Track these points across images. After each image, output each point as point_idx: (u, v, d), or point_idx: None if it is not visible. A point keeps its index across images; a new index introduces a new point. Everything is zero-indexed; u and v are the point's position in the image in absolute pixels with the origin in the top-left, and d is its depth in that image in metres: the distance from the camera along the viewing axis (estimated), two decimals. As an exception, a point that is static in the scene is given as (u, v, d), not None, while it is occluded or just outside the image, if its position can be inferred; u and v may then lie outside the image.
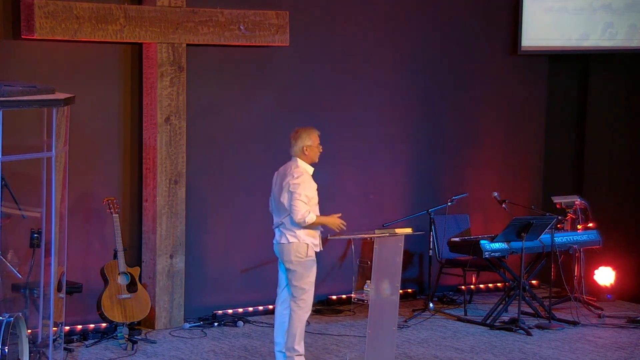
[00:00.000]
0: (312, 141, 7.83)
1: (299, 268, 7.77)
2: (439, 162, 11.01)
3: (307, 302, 7.81)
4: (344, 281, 9.61)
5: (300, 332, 7.80)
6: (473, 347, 9.04)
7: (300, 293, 7.78)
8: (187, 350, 8.72)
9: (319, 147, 7.88)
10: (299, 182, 7.68)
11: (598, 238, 10.34)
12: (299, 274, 7.78)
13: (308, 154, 7.83)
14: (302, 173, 7.74)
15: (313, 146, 7.83)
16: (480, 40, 11.10)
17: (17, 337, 6.99)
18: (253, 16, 9.52)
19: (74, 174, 8.31)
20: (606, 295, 10.83)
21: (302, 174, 7.74)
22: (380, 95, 10.58)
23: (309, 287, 7.81)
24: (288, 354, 7.82)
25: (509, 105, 11.38)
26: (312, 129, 7.90)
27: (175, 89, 9.26)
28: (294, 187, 7.67)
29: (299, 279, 7.78)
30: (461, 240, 10.08)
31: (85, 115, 8.83)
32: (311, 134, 7.85)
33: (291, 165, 7.83)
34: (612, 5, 11.10)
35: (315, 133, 7.89)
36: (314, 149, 7.85)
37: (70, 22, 8.64)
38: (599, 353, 8.91)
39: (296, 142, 7.85)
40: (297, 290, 7.78)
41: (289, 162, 7.87)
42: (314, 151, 7.85)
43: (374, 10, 10.48)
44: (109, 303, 8.76)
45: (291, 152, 7.88)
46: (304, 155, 7.83)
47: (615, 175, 11.11)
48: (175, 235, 9.38)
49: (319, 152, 7.89)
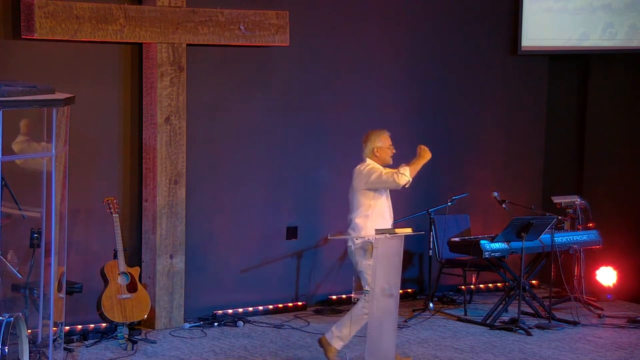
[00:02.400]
0: (383, 142, 8.01)
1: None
2: (439, 162, 11.00)
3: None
4: (344, 281, 9.60)
5: (354, 322, 7.96)
6: (473, 347, 9.03)
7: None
8: (187, 350, 8.72)
9: (390, 148, 8.05)
10: (370, 166, 7.95)
11: (598, 238, 10.34)
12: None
13: (379, 155, 8.03)
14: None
15: (384, 147, 8.02)
16: (480, 40, 11.11)
17: (17, 337, 6.99)
18: (253, 16, 9.52)
19: (74, 174, 8.31)
20: (606, 295, 10.83)
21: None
22: (380, 95, 10.58)
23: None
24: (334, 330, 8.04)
25: (509, 105, 11.38)
26: (383, 131, 8.08)
27: (175, 89, 9.26)
28: (368, 172, 7.93)
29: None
30: (461, 240, 10.08)
31: (85, 115, 8.83)
32: (381, 136, 8.04)
33: (361, 165, 8.02)
34: (612, 5, 11.10)
35: (386, 134, 8.04)
36: (385, 150, 8.03)
37: (70, 22, 8.64)
38: (599, 353, 8.91)
39: (366, 145, 8.08)
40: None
41: (360, 164, 8.01)
42: (385, 152, 8.03)
43: (374, 11, 10.48)
44: (109, 303, 8.75)
45: (363, 155, 8.08)
46: (375, 157, 8.05)
47: (615, 175, 11.11)
48: (175, 235, 9.38)
49: (391, 153, 8.05)
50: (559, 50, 11.26)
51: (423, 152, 8.03)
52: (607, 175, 11.19)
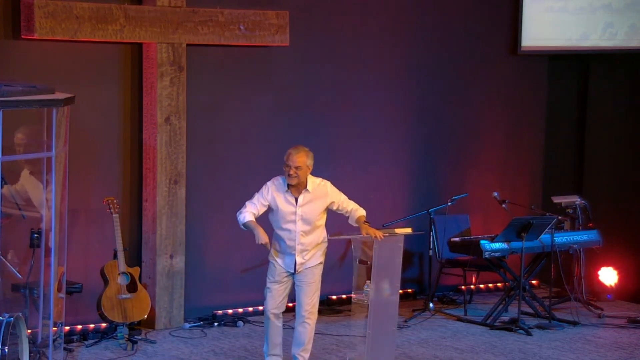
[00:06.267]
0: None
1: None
2: (439, 162, 11.01)
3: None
4: (344, 281, 9.60)
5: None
6: (473, 347, 9.04)
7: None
8: (187, 350, 8.72)
9: (286, 166, 7.74)
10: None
11: (598, 238, 10.34)
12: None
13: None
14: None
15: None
16: (480, 40, 11.10)
17: (17, 337, 6.99)
18: (253, 16, 9.52)
19: (74, 174, 8.31)
20: (606, 296, 10.83)
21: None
22: (380, 95, 10.58)
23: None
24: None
25: (509, 105, 11.38)
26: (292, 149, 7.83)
27: (175, 89, 9.26)
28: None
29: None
30: (461, 240, 10.08)
31: (85, 115, 8.83)
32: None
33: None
34: (612, 5, 11.10)
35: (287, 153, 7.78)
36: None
37: (70, 22, 8.64)
38: (599, 353, 8.91)
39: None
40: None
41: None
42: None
43: (374, 10, 10.48)
44: (109, 303, 8.75)
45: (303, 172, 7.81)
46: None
47: (615, 175, 11.11)
48: (175, 235, 9.38)
49: (287, 173, 7.75)
50: (559, 50, 11.26)
51: (367, 230, 7.79)
52: (607, 175, 11.19)
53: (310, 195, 7.75)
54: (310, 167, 7.77)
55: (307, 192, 7.74)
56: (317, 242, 7.81)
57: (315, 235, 7.79)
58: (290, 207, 7.73)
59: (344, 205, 7.86)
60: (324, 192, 7.80)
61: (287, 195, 7.74)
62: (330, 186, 7.86)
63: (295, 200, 7.73)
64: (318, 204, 7.77)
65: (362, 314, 8.23)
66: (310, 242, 7.76)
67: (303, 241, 7.75)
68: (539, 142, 11.63)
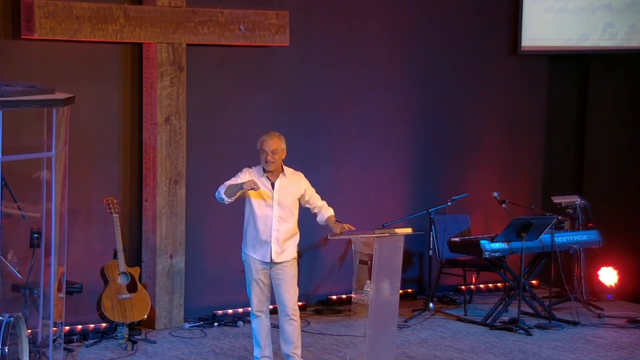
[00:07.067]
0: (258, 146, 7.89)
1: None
2: (439, 162, 11.01)
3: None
4: (344, 281, 9.60)
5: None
6: (473, 347, 9.04)
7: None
8: (187, 350, 8.72)
9: (262, 153, 7.86)
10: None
11: (598, 238, 10.34)
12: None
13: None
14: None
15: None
16: (480, 40, 11.10)
17: (17, 337, 7.00)
18: (253, 16, 9.52)
19: (74, 174, 8.31)
20: (606, 296, 10.83)
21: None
22: (380, 95, 10.58)
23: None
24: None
25: (509, 105, 11.38)
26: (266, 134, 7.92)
27: (175, 89, 9.26)
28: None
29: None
30: (461, 240, 10.08)
31: (85, 115, 8.83)
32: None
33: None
34: (612, 5, 11.10)
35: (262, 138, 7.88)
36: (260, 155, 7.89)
37: (70, 22, 8.64)
38: (599, 353, 8.91)
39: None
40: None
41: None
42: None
43: (374, 10, 10.48)
44: (109, 303, 8.75)
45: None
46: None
47: (616, 175, 11.11)
48: (175, 235, 9.38)
49: (264, 159, 7.85)
50: (559, 50, 11.26)
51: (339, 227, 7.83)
52: (607, 175, 11.18)
53: (287, 180, 7.86)
54: (285, 151, 7.89)
55: (284, 176, 7.85)
56: (292, 233, 7.87)
57: (289, 225, 7.84)
58: (267, 191, 7.80)
59: (314, 199, 7.96)
60: (299, 179, 7.93)
61: (263, 180, 7.83)
62: (304, 176, 7.99)
63: (272, 185, 7.81)
64: (294, 189, 7.86)
65: (362, 314, 8.24)
66: (285, 230, 7.81)
67: (279, 227, 7.78)
68: (539, 142, 11.63)
